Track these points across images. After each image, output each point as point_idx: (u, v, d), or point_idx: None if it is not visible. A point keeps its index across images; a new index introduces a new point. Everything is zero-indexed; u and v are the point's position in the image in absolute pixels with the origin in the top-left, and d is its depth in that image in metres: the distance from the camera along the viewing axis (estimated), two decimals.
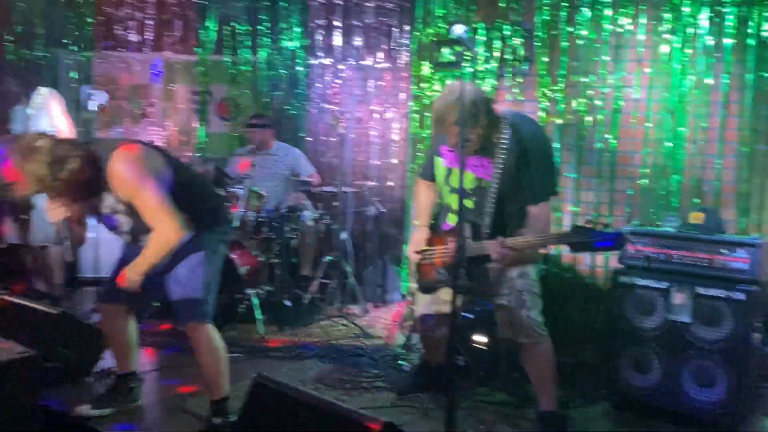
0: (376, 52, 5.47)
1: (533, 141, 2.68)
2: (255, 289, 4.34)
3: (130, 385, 3.00)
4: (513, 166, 2.66)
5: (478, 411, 3.10)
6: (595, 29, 3.83)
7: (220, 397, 2.74)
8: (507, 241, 2.55)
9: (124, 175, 2.46)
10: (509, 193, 2.71)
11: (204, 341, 2.71)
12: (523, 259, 2.61)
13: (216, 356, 2.73)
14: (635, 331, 3.09)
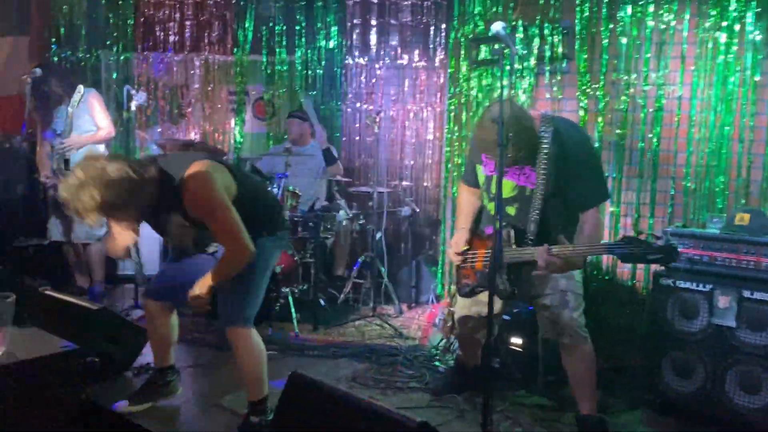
0: (412, 51, 5.45)
1: (577, 147, 2.63)
2: (290, 288, 4.37)
3: (168, 379, 3.03)
4: (557, 174, 2.62)
5: (514, 413, 3.05)
6: (637, 26, 3.75)
7: (259, 398, 2.74)
8: (554, 249, 2.51)
9: (201, 197, 2.44)
10: (556, 200, 2.67)
11: (245, 344, 2.70)
12: (569, 266, 2.56)
13: (257, 360, 2.73)
14: (677, 335, 3.02)
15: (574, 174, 2.61)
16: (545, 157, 2.60)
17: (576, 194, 2.62)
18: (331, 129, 5.79)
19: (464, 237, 2.92)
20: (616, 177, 3.85)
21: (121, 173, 2.30)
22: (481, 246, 2.88)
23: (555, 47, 4.01)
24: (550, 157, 2.60)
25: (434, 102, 5.44)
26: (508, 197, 2.75)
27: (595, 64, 3.89)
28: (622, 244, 2.40)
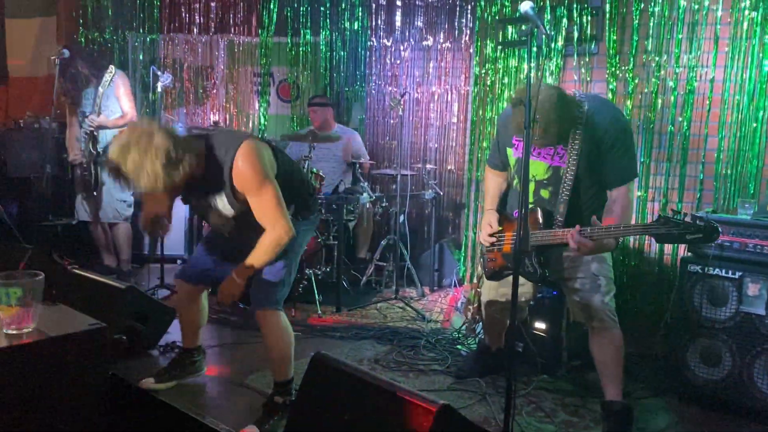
0: (437, 32, 5.39)
1: (611, 125, 2.58)
2: (313, 269, 4.39)
3: (194, 358, 3.07)
4: (590, 152, 2.57)
5: (537, 398, 3.04)
6: (668, 6, 3.66)
7: (285, 380, 2.77)
8: (587, 230, 2.45)
9: (251, 171, 2.42)
10: (587, 179, 2.63)
11: (274, 327, 2.71)
12: (601, 248, 2.52)
13: (285, 341, 2.74)
14: (705, 323, 2.97)
15: (606, 150, 2.56)
16: (578, 135, 2.56)
17: (607, 170, 2.58)
18: (355, 111, 5.77)
19: (495, 217, 2.90)
20: (644, 161, 3.78)
21: (162, 143, 2.26)
22: (509, 228, 2.85)
23: (584, 28, 3.93)
24: (582, 136, 2.55)
25: (459, 84, 5.38)
26: (542, 179, 2.73)
27: (625, 45, 3.81)
28: (658, 224, 2.31)
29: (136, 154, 2.23)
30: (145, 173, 2.24)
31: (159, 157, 2.23)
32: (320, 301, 4.26)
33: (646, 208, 3.78)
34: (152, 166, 2.23)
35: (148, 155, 2.23)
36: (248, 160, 2.42)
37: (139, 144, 2.24)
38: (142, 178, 2.25)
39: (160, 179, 2.26)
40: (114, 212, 4.63)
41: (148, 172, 2.23)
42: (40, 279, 2.26)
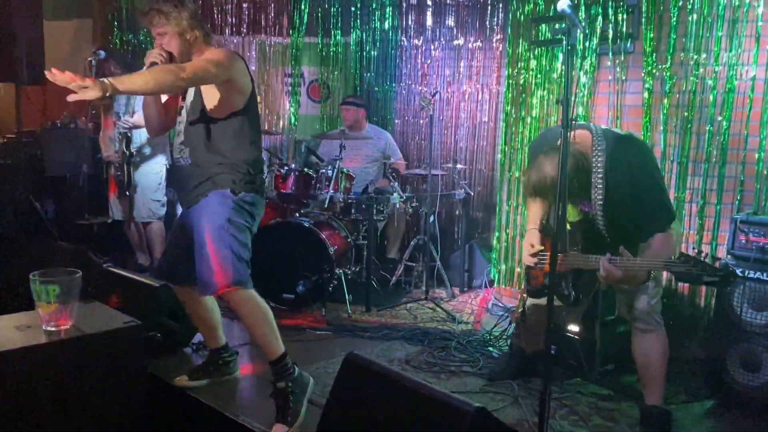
0: (468, 31, 5.35)
1: (634, 170, 2.57)
2: (343, 269, 4.40)
3: (225, 359, 3.07)
4: (616, 200, 2.58)
5: (570, 401, 3.00)
6: (708, 2, 3.57)
7: (277, 356, 2.70)
8: (615, 259, 2.47)
9: (219, 50, 2.72)
10: (622, 222, 2.64)
11: (246, 306, 2.67)
12: (629, 279, 2.51)
13: (261, 317, 2.69)
14: (745, 327, 2.90)
15: (633, 199, 2.57)
16: (600, 188, 2.57)
17: (639, 220, 2.58)
18: (385, 111, 5.77)
19: (537, 237, 2.91)
20: (681, 161, 3.70)
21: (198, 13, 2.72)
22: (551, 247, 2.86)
23: (619, 26, 3.86)
24: (605, 187, 2.57)
25: (490, 83, 5.34)
26: (574, 222, 2.76)
27: (662, 43, 3.73)
28: (679, 262, 2.34)
29: (170, 3, 2.64)
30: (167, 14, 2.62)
31: (186, 10, 2.65)
32: (350, 300, 4.26)
33: (683, 209, 3.70)
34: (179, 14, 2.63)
35: (178, 6, 2.64)
36: (226, 51, 2.74)
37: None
38: (165, 18, 2.62)
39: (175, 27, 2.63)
40: (148, 211, 4.69)
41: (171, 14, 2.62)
42: (78, 277, 2.31)
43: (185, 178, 2.79)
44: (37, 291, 2.23)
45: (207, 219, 2.66)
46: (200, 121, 2.71)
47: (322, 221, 4.45)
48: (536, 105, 4.30)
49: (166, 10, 2.63)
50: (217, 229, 2.64)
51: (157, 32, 2.68)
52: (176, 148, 2.83)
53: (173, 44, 2.68)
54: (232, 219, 2.67)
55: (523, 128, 4.42)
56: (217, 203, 2.68)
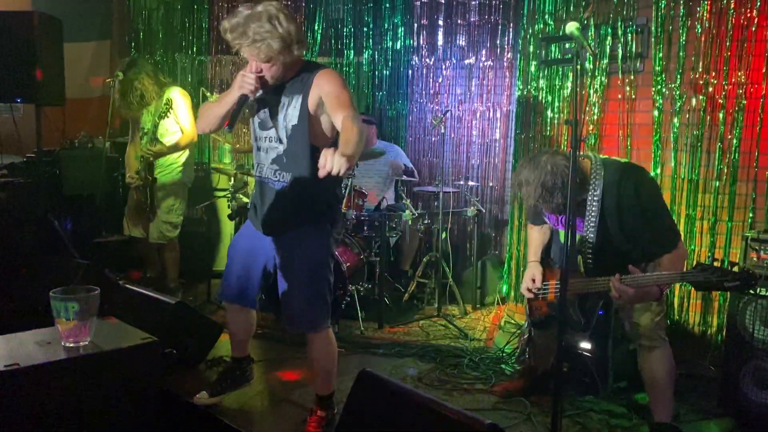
0: (479, 50, 5.41)
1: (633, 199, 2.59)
2: (355, 286, 4.43)
3: (243, 367, 3.10)
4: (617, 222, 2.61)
5: (583, 419, 3.00)
6: (716, 23, 3.61)
7: (327, 393, 2.79)
8: (627, 278, 2.48)
9: (336, 79, 2.50)
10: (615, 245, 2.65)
11: (321, 342, 2.73)
12: (644, 296, 2.52)
13: (329, 355, 2.77)
14: (758, 344, 2.89)
15: (635, 226, 2.59)
16: (594, 204, 2.59)
17: (644, 246, 2.61)
18: (397, 129, 5.82)
19: (539, 271, 2.95)
20: (692, 179, 3.71)
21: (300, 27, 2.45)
22: (552, 277, 2.92)
23: (628, 46, 3.90)
24: (601, 205, 2.59)
25: (501, 102, 5.39)
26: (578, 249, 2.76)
27: (672, 62, 3.77)
28: (695, 271, 2.34)
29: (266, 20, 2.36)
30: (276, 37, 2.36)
31: (284, 25, 2.37)
32: (363, 317, 4.29)
33: (695, 226, 3.71)
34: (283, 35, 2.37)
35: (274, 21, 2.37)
36: (333, 72, 2.54)
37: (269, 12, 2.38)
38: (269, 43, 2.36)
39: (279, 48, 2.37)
40: (159, 234, 4.66)
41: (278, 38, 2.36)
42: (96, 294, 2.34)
43: (280, 204, 2.63)
44: (56, 308, 2.27)
45: (306, 253, 2.62)
46: (306, 149, 2.53)
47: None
48: (547, 123, 4.33)
49: (263, 34, 2.34)
50: (318, 266, 2.63)
51: (263, 61, 2.43)
52: (268, 168, 2.65)
53: (273, 71, 2.48)
54: (330, 255, 2.67)
55: (534, 146, 4.45)
56: (318, 237, 2.63)
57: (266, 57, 2.41)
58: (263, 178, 2.68)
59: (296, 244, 2.63)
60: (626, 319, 2.80)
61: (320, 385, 2.79)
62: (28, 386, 2.10)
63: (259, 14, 2.37)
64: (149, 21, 6.11)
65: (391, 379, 2.26)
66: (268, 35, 2.36)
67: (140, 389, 2.42)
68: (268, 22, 2.36)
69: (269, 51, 2.38)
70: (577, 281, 2.69)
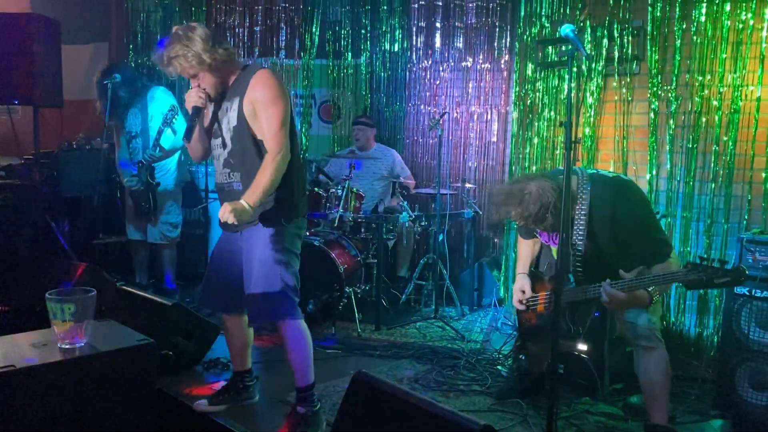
0: (476, 53, 5.43)
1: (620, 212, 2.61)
2: (353, 288, 4.43)
3: (247, 383, 3.08)
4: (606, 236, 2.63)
5: (578, 420, 3.00)
6: (712, 25, 3.62)
7: (305, 385, 2.79)
8: (617, 282, 2.51)
9: (271, 83, 2.61)
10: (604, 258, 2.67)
11: (292, 333, 2.75)
12: (635, 301, 2.55)
13: (303, 345, 2.77)
14: (753, 346, 2.90)
15: (629, 239, 2.60)
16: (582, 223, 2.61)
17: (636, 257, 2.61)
18: (395, 131, 5.84)
19: (528, 283, 2.97)
20: (687, 182, 3.73)
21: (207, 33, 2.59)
22: (541, 288, 2.94)
23: (625, 48, 3.91)
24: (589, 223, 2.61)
25: (499, 104, 5.40)
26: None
27: (667, 65, 3.78)
28: (686, 270, 2.36)
29: (176, 43, 2.56)
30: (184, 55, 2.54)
31: (195, 41, 2.54)
32: (360, 319, 4.29)
33: (690, 228, 3.72)
34: (189, 49, 2.54)
35: (184, 41, 2.55)
36: (268, 75, 2.63)
37: (177, 34, 2.59)
38: (182, 60, 2.55)
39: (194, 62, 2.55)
40: (161, 235, 4.71)
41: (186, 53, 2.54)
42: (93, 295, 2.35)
43: (232, 200, 2.67)
44: (52, 309, 2.28)
45: (261, 249, 2.69)
46: (250, 145, 2.66)
47: (332, 240, 4.50)
48: (543, 125, 4.35)
49: (182, 53, 2.56)
50: (272, 261, 2.68)
51: (189, 76, 2.65)
52: (221, 173, 2.79)
53: (206, 80, 2.64)
54: (285, 249, 2.71)
55: (531, 148, 4.46)
56: (271, 233, 2.69)
57: (186, 71, 2.60)
58: (219, 183, 2.83)
59: (252, 241, 2.72)
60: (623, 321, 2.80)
61: (297, 377, 2.79)
62: (24, 388, 2.10)
63: (171, 39, 2.60)
64: (147, 23, 6.12)
65: (387, 381, 2.26)
66: (179, 51, 2.56)
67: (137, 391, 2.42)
68: (178, 42, 2.57)
69: (186, 65, 2.58)
70: (567, 290, 2.71)
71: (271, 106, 2.59)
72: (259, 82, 2.61)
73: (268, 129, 2.60)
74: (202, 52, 2.56)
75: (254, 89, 2.61)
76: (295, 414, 2.78)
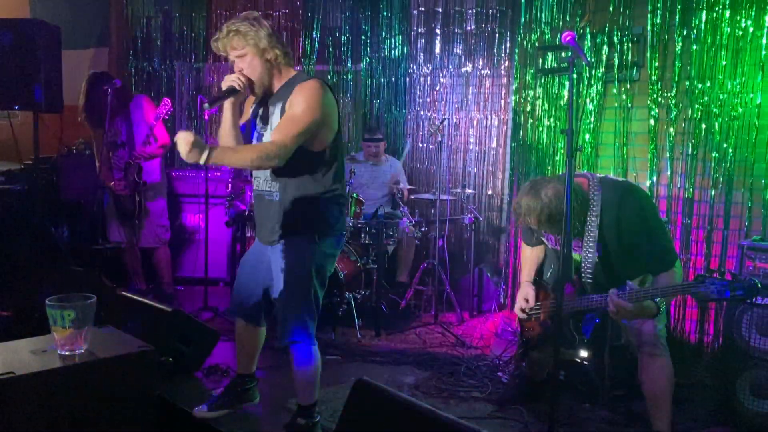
0: (476, 59, 5.44)
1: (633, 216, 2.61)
2: (353, 293, 4.42)
3: (247, 386, 3.06)
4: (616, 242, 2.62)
5: (579, 427, 3.00)
6: (712, 32, 3.63)
7: (309, 404, 2.77)
8: (624, 293, 2.49)
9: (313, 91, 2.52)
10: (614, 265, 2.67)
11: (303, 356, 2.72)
12: (641, 311, 2.53)
13: (312, 368, 2.73)
14: (754, 353, 2.90)
15: (635, 244, 2.60)
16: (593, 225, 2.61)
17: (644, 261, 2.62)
18: (395, 136, 5.84)
19: (532, 292, 2.96)
20: (688, 188, 3.73)
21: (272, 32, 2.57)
22: (545, 297, 2.93)
23: (625, 55, 3.92)
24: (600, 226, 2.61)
25: (498, 110, 5.40)
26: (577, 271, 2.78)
27: (667, 71, 3.79)
28: (696, 282, 2.34)
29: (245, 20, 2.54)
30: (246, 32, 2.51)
31: (263, 28, 2.53)
32: (360, 325, 4.29)
33: (690, 234, 3.72)
34: (255, 30, 2.52)
35: (254, 23, 2.53)
36: (313, 84, 2.55)
37: (249, 15, 2.57)
38: (243, 36, 2.51)
39: (253, 42, 2.52)
40: (155, 237, 4.72)
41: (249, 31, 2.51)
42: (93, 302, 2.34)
43: (272, 214, 2.66)
44: (52, 316, 2.27)
45: (288, 266, 2.63)
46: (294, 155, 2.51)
47: None
48: (543, 132, 4.35)
49: (244, 29, 2.52)
50: (303, 279, 2.63)
51: (236, 55, 2.57)
52: (260, 181, 2.71)
53: (254, 66, 2.57)
54: (313, 268, 2.64)
55: (531, 154, 4.47)
56: (305, 249, 2.62)
57: (239, 47, 2.54)
58: (259, 190, 2.74)
59: (283, 255, 2.65)
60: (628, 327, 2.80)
61: (301, 396, 2.77)
62: (24, 395, 2.10)
63: (241, 17, 2.57)
64: (147, 28, 6.12)
65: (387, 388, 2.25)
66: (242, 27, 2.52)
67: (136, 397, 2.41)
68: (246, 20, 2.55)
69: (241, 41, 2.53)
70: (572, 299, 2.70)
71: (299, 111, 2.49)
72: (303, 89, 2.53)
73: (285, 127, 2.48)
74: (264, 38, 2.53)
75: (296, 94, 2.53)
76: (295, 423, 2.77)
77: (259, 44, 2.53)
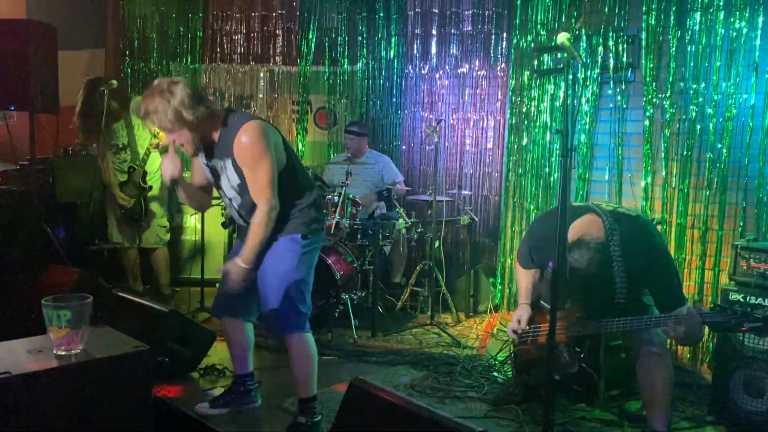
0: (473, 60, 5.45)
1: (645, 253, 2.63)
2: (349, 294, 4.43)
3: (249, 387, 3.08)
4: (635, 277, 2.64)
5: (575, 427, 3.01)
6: (706, 33, 3.65)
7: (308, 397, 2.80)
8: (680, 319, 2.52)
9: (250, 149, 2.57)
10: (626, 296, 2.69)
11: (299, 346, 2.79)
12: (690, 337, 2.58)
13: (309, 361, 2.80)
14: (748, 353, 2.91)
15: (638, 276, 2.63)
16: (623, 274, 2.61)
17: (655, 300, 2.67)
18: (391, 137, 5.85)
19: (527, 314, 2.95)
20: (682, 188, 3.75)
21: (188, 90, 2.54)
22: (543, 320, 2.90)
23: (619, 56, 3.94)
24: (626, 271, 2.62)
25: (495, 111, 5.42)
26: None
27: (662, 72, 3.80)
28: (713, 313, 2.39)
29: (157, 95, 2.51)
30: (164, 110, 2.49)
31: (176, 97, 2.49)
32: (356, 325, 4.29)
33: (685, 235, 3.74)
34: (170, 104, 2.49)
35: (166, 95, 2.50)
36: (250, 134, 2.58)
37: (160, 86, 2.53)
38: (161, 115, 2.50)
39: (173, 117, 2.50)
40: (155, 238, 4.74)
41: (166, 108, 2.49)
42: (89, 302, 2.35)
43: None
44: (48, 316, 2.27)
45: (275, 262, 2.73)
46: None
47: (328, 247, 4.50)
48: (539, 132, 4.37)
49: (160, 108, 2.50)
50: (286, 275, 2.71)
51: (163, 131, 2.63)
52: (236, 218, 2.89)
53: (183, 135, 2.60)
54: (300, 262, 2.74)
55: (527, 155, 4.48)
56: (286, 248, 2.73)
57: (164, 127, 2.57)
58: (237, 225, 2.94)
59: (268, 254, 2.74)
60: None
61: (300, 389, 2.81)
62: (20, 395, 2.10)
63: (152, 91, 2.54)
64: (144, 29, 6.11)
65: (383, 387, 2.26)
66: (157, 105, 2.50)
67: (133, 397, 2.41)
68: (157, 95, 2.52)
69: (164, 121, 2.53)
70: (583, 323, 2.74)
71: (255, 167, 2.59)
72: (239, 147, 2.59)
73: (256, 188, 2.63)
74: (180, 106, 2.50)
75: (238, 156, 2.61)
76: (295, 424, 2.78)
77: (178, 116, 2.51)
